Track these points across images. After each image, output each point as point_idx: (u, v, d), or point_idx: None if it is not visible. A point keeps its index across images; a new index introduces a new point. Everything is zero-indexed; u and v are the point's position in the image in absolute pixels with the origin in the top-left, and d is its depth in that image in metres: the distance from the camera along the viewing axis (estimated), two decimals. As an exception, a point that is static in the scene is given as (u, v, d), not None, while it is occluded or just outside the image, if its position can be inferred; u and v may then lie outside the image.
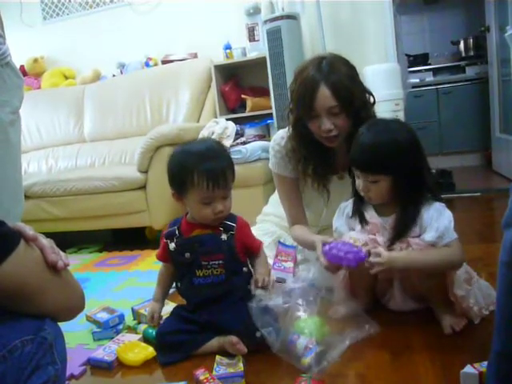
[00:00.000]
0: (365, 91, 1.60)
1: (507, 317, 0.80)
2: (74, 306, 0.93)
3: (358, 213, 1.45)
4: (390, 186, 1.33)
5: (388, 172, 1.31)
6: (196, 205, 1.38)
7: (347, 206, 1.50)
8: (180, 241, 1.42)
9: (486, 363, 0.97)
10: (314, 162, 1.67)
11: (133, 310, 1.71)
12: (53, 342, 0.84)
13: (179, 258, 1.41)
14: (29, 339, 0.80)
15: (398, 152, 1.30)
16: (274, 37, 2.94)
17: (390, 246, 1.35)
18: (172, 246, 1.42)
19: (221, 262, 1.38)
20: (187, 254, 1.40)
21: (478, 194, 3.26)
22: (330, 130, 1.54)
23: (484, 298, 1.36)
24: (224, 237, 1.40)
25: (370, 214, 1.44)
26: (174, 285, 1.51)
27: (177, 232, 1.44)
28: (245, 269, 1.44)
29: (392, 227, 1.37)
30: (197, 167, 1.33)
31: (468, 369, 1.07)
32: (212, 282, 1.39)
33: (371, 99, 1.62)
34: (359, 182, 1.39)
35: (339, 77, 1.50)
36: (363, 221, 1.44)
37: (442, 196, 1.44)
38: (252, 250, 1.46)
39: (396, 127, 1.36)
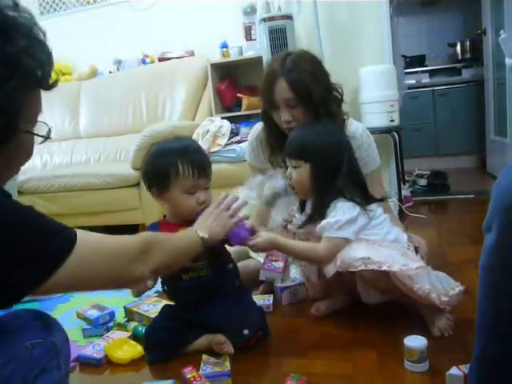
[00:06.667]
0: (328, 88, 1.65)
1: (486, 320, 0.81)
2: None
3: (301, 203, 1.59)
4: (308, 175, 1.45)
5: (307, 158, 1.44)
6: (180, 196, 1.37)
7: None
8: None
9: (470, 365, 0.98)
10: (283, 153, 1.71)
11: (125, 308, 1.71)
12: (61, 347, 0.87)
13: None
14: (38, 342, 0.82)
15: (318, 144, 1.44)
16: (277, 35, 2.92)
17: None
18: None
19: (204, 262, 1.37)
20: None
21: (472, 195, 3.27)
22: (289, 122, 1.63)
23: (443, 286, 1.37)
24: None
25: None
26: (161, 287, 1.50)
27: None
28: (230, 265, 1.45)
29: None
30: (181, 158, 1.36)
31: (453, 370, 1.08)
32: (199, 283, 1.38)
33: (338, 96, 1.68)
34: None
35: (298, 72, 1.59)
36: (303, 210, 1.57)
37: (436, 197, 1.48)
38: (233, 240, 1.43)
39: (323, 128, 1.51)
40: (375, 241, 1.41)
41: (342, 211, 1.40)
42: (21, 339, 0.81)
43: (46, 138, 0.85)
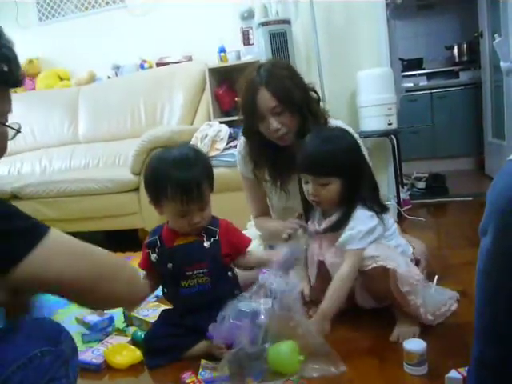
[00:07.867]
0: (306, 89, 1.66)
1: (484, 323, 0.81)
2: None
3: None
4: (339, 189, 1.40)
5: (338, 174, 1.39)
6: (172, 216, 1.38)
7: None
8: (162, 251, 1.40)
9: (469, 368, 0.98)
10: (268, 166, 1.73)
11: (124, 313, 1.71)
12: (69, 356, 0.87)
13: (162, 269, 1.40)
14: (48, 350, 0.83)
15: (346, 156, 1.40)
16: (278, 40, 2.93)
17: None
18: (154, 256, 1.41)
19: (205, 270, 1.37)
20: (169, 265, 1.38)
21: (470, 198, 3.27)
22: (278, 129, 1.61)
23: (433, 304, 1.38)
24: (207, 244, 1.39)
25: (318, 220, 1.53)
26: (161, 291, 1.50)
27: (158, 242, 1.42)
28: (230, 273, 1.44)
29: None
30: (170, 181, 1.31)
31: (453, 373, 1.09)
32: (198, 291, 1.38)
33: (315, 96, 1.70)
34: (308, 188, 1.44)
35: (277, 79, 1.59)
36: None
37: (435, 200, 1.47)
38: (241, 247, 1.46)
39: (341, 134, 1.47)
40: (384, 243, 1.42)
41: (361, 221, 1.39)
42: (31, 347, 0.81)
43: (18, 131, 0.86)
